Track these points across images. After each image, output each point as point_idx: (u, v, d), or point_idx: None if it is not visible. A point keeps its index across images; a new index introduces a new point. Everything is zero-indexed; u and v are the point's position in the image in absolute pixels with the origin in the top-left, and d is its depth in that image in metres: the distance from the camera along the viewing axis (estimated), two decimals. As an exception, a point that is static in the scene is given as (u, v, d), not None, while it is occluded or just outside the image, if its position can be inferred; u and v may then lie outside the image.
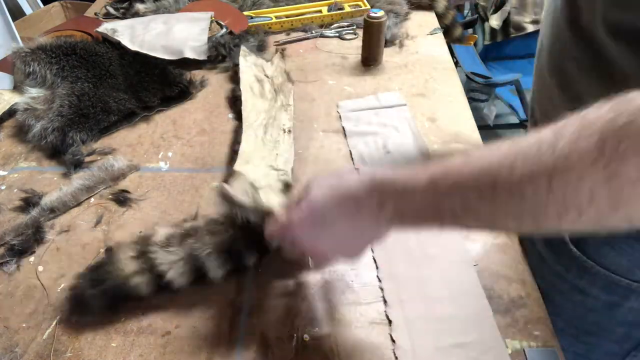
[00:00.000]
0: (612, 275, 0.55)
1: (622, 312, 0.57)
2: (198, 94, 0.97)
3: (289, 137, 0.81)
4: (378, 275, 0.62)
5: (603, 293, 0.57)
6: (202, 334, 0.56)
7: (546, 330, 0.55)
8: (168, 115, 0.92)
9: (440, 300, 0.59)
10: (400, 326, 0.56)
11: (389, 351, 0.54)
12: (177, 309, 0.59)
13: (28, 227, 0.68)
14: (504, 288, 0.60)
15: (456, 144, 0.82)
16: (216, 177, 0.77)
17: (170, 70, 0.97)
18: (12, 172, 0.80)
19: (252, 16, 1.18)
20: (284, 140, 0.80)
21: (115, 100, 0.88)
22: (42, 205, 0.72)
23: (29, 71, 0.91)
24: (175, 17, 1.12)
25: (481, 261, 0.63)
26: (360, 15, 1.19)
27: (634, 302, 0.56)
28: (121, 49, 0.99)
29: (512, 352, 0.53)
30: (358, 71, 1.02)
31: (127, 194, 0.74)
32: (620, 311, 0.57)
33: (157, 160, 0.82)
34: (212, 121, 0.90)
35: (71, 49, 0.94)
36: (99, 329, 0.57)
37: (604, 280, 0.56)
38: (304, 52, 1.10)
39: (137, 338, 0.56)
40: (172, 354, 0.55)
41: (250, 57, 0.99)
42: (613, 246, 0.54)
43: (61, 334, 0.57)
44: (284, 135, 0.81)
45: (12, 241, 0.67)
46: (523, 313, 0.57)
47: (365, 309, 0.58)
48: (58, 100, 0.86)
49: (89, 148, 0.83)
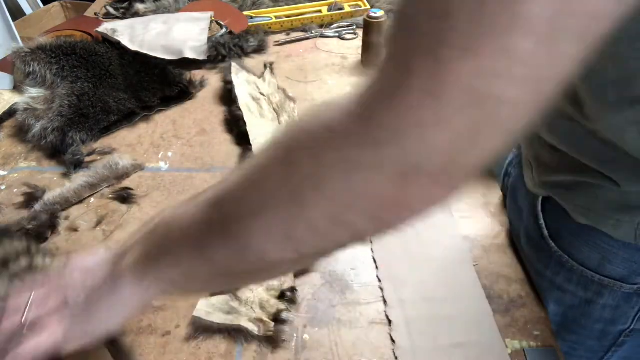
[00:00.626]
0: (586, 271, 0.55)
1: (597, 309, 0.58)
2: (198, 94, 0.97)
3: None
4: (378, 275, 0.62)
5: (579, 289, 0.57)
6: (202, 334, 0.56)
7: (546, 330, 0.55)
8: (168, 115, 0.92)
9: (440, 300, 0.59)
10: (400, 326, 0.56)
11: (389, 351, 0.54)
12: (177, 309, 0.59)
13: (43, 213, 0.70)
14: (504, 288, 0.60)
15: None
16: (216, 177, 0.77)
17: (170, 70, 0.97)
18: (12, 172, 0.80)
19: (252, 16, 1.18)
20: None
21: (115, 100, 0.88)
22: (44, 200, 0.72)
23: (29, 71, 0.91)
24: (175, 17, 1.12)
25: (481, 261, 0.63)
26: (360, 15, 1.19)
27: (607, 298, 0.56)
28: (121, 49, 0.99)
29: (512, 352, 0.53)
30: (358, 71, 1.02)
31: (130, 190, 0.75)
32: (595, 308, 0.58)
33: (157, 160, 0.82)
34: (212, 121, 0.90)
35: (71, 49, 0.94)
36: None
37: (578, 276, 0.56)
38: (304, 52, 1.10)
39: (137, 338, 0.56)
40: (172, 354, 0.55)
41: (242, 73, 0.96)
42: (586, 240, 0.54)
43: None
44: None
45: (28, 226, 0.68)
46: (523, 313, 0.57)
47: (365, 309, 0.58)
48: (58, 100, 0.86)
49: (89, 148, 0.83)
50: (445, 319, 0.57)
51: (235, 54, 1.07)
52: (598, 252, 0.53)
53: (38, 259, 0.58)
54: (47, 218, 0.69)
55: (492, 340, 0.54)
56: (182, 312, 0.59)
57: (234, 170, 0.36)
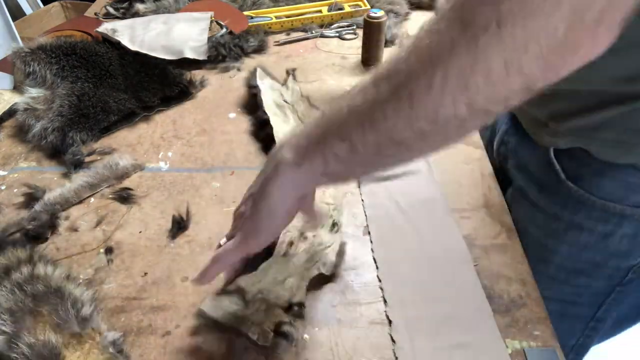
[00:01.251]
0: (608, 204, 0.59)
1: (615, 242, 0.62)
2: (198, 94, 0.97)
3: None
4: (378, 275, 0.62)
5: (599, 224, 0.61)
6: (202, 334, 0.56)
7: (546, 330, 0.55)
8: (168, 115, 0.92)
9: (440, 300, 0.59)
10: (400, 326, 0.56)
11: (389, 351, 0.54)
12: (177, 309, 0.59)
13: (43, 212, 0.70)
14: (504, 288, 0.60)
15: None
16: (216, 177, 0.78)
17: (170, 70, 0.97)
18: (12, 172, 0.80)
19: (252, 16, 1.18)
20: None
21: (115, 100, 0.88)
22: (44, 200, 0.72)
23: (29, 71, 0.91)
24: (175, 17, 1.12)
25: (481, 261, 0.63)
26: (360, 15, 1.19)
27: (627, 227, 0.60)
28: (121, 49, 0.99)
29: (512, 352, 0.53)
30: (358, 71, 1.02)
31: (130, 190, 0.75)
32: (613, 241, 0.62)
33: (157, 160, 0.82)
34: (212, 121, 0.90)
35: (71, 49, 0.94)
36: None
37: (599, 210, 0.60)
38: (304, 52, 1.10)
39: (137, 338, 0.56)
40: (172, 354, 0.55)
41: (266, 79, 0.94)
42: (610, 177, 0.58)
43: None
44: None
45: (28, 226, 0.68)
46: (523, 313, 0.57)
47: (365, 309, 0.58)
48: (58, 100, 0.86)
49: (89, 148, 0.83)
50: (446, 319, 0.57)
51: (236, 54, 1.07)
52: (622, 185, 0.57)
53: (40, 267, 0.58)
54: (47, 218, 0.69)
55: (492, 340, 0.54)
56: (182, 312, 0.59)
57: (388, 60, 0.39)
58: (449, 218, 0.69)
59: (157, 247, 0.67)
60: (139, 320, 0.58)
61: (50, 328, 0.52)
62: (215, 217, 0.71)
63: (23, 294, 0.54)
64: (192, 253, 0.66)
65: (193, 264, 0.64)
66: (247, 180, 0.76)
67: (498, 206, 0.70)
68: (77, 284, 0.59)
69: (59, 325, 0.52)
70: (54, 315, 0.53)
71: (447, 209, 0.70)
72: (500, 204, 0.71)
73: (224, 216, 0.70)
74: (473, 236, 0.66)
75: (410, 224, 0.68)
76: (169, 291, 0.61)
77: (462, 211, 0.70)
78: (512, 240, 0.65)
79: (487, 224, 0.68)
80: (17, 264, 0.59)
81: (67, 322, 0.52)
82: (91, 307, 0.55)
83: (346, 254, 0.64)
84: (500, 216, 0.69)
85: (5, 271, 0.58)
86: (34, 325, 0.52)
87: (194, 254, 0.66)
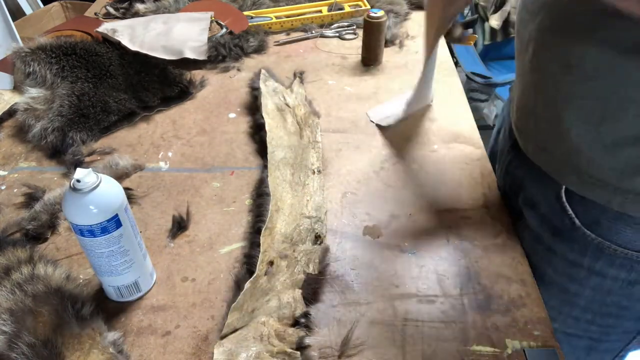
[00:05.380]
0: (631, 252, 0.55)
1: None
2: (198, 94, 0.97)
3: (318, 178, 0.74)
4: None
5: (622, 272, 0.57)
6: (202, 334, 0.56)
7: (546, 330, 0.55)
8: (168, 115, 0.92)
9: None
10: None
11: (389, 351, 0.54)
12: (177, 309, 0.59)
13: (43, 212, 0.70)
14: (504, 288, 0.60)
15: (456, 143, 0.82)
16: (216, 177, 0.78)
17: (170, 70, 0.97)
18: (12, 172, 0.80)
19: (252, 16, 1.18)
20: (313, 181, 0.73)
21: (115, 100, 0.88)
22: (44, 200, 0.72)
23: (29, 71, 0.91)
24: (175, 17, 1.12)
25: (481, 261, 0.63)
26: (360, 15, 1.19)
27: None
28: (121, 49, 0.99)
29: (512, 352, 0.53)
30: (358, 71, 1.02)
31: (131, 190, 0.75)
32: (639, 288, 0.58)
33: (157, 160, 0.82)
34: (212, 121, 0.90)
35: (71, 49, 0.94)
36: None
37: (622, 258, 0.56)
38: (304, 52, 1.10)
39: (137, 338, 0.56)
40: (172, 354, 0.55)
41: (270, 82, 0.94)
42: (628, 223, 0.54)
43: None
44: (313, 176, 0.74)
45: (27, 226, 0.68)
46: (523, 313, 0.57)
47: (365, 309, 0.58)
48: (58, 100, 0.86)
49: (89, 148, 0.83)
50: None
51: (236, 54, 1.07)
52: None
53: (40, 267, 0.58)
54: (47, 218, 0.69)
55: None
56: (182, 312, 0.59)
57: None
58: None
59: (157, 247, 0.67)
60: (139, 320, 0.58)
61: (50, 328, 0.52)
62: (215, 217, 0.71)
63: (23, 294, 0.54)
64: (192, 253, 0.66)
65: (193, 264, 0.64)
66: (247, 180, 0.77)
67: (498, 206, 0.70)
68: (77, 284, 0.59)
69: (59, 325, 0.52)
70: (54, 315, 0.53)
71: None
72: (500, 204, 0.71)
73: (224, 216, 0.70)
74: (473, 236, 0.66)
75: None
76: (169, 291, 0.61)
77: (462, 211, 0.70)
78: (512, 240, 0.65)
79: (487, 224, 0.68)
80: (17, 264, 0.59)
81: (67, 322, 0.52)
82: (91, 307, 0.55)
83: (346, 253, 0.64)
84: (500, 216, 0.69)
85: (6, 271, 0.58)
86: (34, 325, 0.52)
87: (194, 254, 0.66)
